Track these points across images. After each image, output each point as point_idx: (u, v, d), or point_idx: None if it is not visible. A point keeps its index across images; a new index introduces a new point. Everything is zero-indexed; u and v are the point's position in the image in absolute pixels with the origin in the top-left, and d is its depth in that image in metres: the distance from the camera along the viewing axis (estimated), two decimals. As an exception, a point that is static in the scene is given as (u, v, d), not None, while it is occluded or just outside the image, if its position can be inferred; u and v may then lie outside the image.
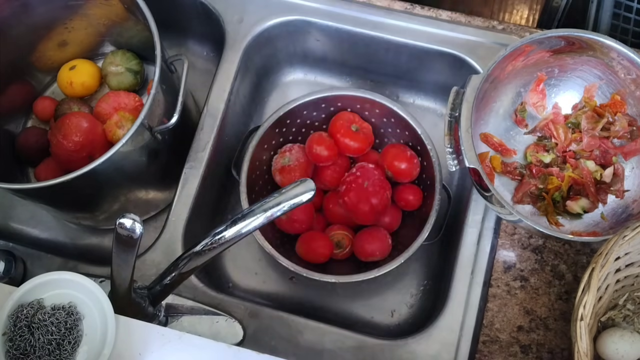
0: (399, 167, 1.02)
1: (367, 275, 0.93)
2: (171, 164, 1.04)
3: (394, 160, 1.03)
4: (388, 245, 1.02)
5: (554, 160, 0.98)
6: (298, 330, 0.92)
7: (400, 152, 1.03)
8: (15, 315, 0.75)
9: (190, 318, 0.92)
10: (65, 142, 0.99)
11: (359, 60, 1.14)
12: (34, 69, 1.13)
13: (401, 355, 0.90)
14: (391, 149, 1.04)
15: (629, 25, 1.21)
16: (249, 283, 1.08)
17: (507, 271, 0.95)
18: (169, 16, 1.11)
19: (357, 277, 0.93)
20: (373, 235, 1.02)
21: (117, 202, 1.05)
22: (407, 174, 1.03)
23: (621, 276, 0.87)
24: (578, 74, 0.98)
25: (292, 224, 1.03)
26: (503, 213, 0.90)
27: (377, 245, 1.01)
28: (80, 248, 1.12)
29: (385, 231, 1.03)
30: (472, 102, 0.87)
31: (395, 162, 1.03)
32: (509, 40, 1.04)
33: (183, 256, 0.75)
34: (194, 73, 1.13)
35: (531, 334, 0.92)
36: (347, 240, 1.04)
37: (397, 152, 1.04)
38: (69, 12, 1.07)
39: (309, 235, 1.03)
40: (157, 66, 0.92)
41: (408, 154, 1.03)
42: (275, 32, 1.10)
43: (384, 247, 1.01)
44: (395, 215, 1.05)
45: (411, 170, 1.03)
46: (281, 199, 0.74)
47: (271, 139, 1.05)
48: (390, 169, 1.03)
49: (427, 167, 1.02)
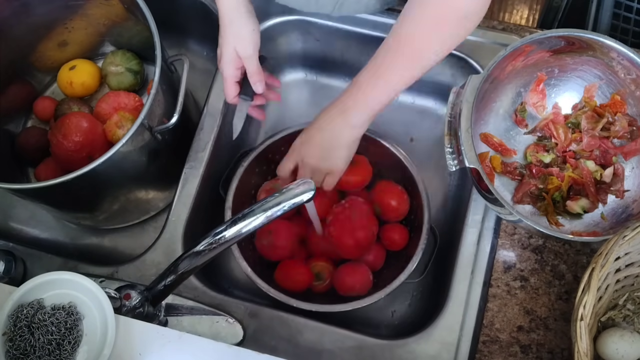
0: (390, 203, 1.02)
1: (344, 307, 0.91)
2: (171, 164, 1.04)
3: (384, 195, 1.03)
4: (369, 280, 1.00)
5: (554, 160, 0.98)
6: (298, 330, 0.92)
7: (392, 188, 1.03)
8: (15, 315, 0.75)
9: (190, 318, 0.92)
10: (65, 142, 0.99)
11: (359, 60, 1.14)
12: (34, 69, 1.14)
13: (401, 355, 0.90)
14: (383, 185, 1.04)
15: (629, 25, 1.21)
16: (249, 283, 1.08)
17: (507, 271, 0.95)
18: (169, 16, 1.11)
19: (334, 308, 0.92)
20: (354, 269, 1.00)
21: (117, 202, 1.05)
22: (396, 210, 1.02)
23: (621, 276, 0.87)
24: (578, 74, 0.98)
25: (274, 250, 1.01)
26: (503, 213, 0.90)
27: (357, 279, 0.99)
28: (80, 248, 1.12)
29: (367, 267, 1.01)
30: (472, 102, 0.87)
31: (386, 198, 1.02)
32: (509, 40, 1.04)
33: (183, 256, 0.75)
34: (194, 73, 1.13)
35: (531, 334, 0.92)
36: (327, 272, 1.02)
37: (388, 188, 1.03)
38: (69, 12, 1.07)
39: (288, 263, 1.01)
40: (157, 66, 0.92)
41: (399, 190, 1.03)
42: (275, 32, 1.10)
43: (364, 282, 0.99)
44: (380, 254, 1.04)
45: (400, 207, 1.02)
46: (281, 199, 0.74)
47: (262, 165, 1.05)
48: (380, 205, 1.02)
49: (417, 207, 1.01)
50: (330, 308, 0.92)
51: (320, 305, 0.92)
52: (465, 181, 1.06)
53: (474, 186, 0.93)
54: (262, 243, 1.01)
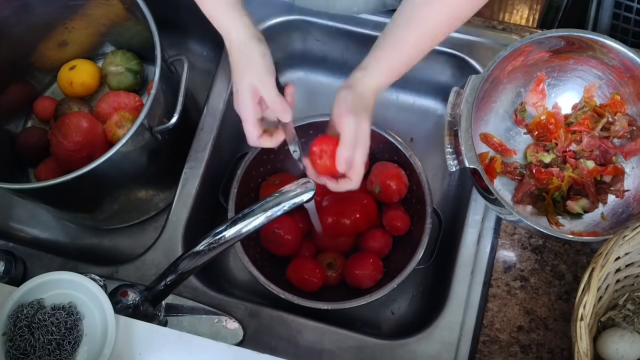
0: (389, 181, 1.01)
1: (359, 302, 0.91)
2: (171, 164, 1.04)
3: (382, 173, 1.02)
4: (379, 269, 1.00)
5: (554, 160, 0.98)
6: (298, 330, 0.92)
7: (390, 167, 1.03)
8: (15, 315, 0.75)
9: (190, 318, 0.92)
10: (65, 142, 0.99)
11: (359, 60, 1.14)
12: (34, 69, 1.14)
13: (401, 355, 0.90)
14: (381, 165, 1.04)
15: (629, 25, 1.21)
16: (249, 283, 1.08)
17: (507, 271, 0.95)
18: (169, 16, 1.11)
19: (349, 304, 0.91)
20: (363, 259, 1.01)
21: (117, 202, 1.05)
22: (396, 187, 1.02)
23: (621, 276, 0.87)
24: (578, 74, 0.98)
25: (279, 246, 1.01)
26: (503, 213, 0.90)
27: (367, 271, 0.99)
28: (80, 248, 1.12)
29: (376, 256, 1.01)
30: (472, 102, 0.87)
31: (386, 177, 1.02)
32: (509, 40, 1.04)
33: (183, 256, 0.75)
34: (194, 73, 1.13)
35: (531, 334, 0.92)
36: (339, 261, 1.02)
37: (386, 168, 1.03)
38: (69, 12, 1.07)
39: (299, 262, 1.01)
40: (157, 66, 0.92)
41: (396, 168, 1.02)
42: (275, 32, 1.10)
43: (374, 271, 0.99)
44: (386, 241, 1.04)
45: (400, 183, 1.02)
46: (281, 199, 0.74)
47: (259, 166, 1.04)
48: (380, 183, 1.02)
49: (417, 191, 1.01)
50: (346, 304, 0.91)
51: (335, 303, 0.92)
52: (465, 181, 1.06)
53: (474, 186, 0.93)
54: (267, 237, 1.01)
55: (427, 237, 0.95)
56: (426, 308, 1.04)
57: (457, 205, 1.06)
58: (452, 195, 1.11)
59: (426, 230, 0.95)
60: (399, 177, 1.02)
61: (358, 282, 1.00)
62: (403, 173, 1.03)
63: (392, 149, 1.02)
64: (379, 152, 1.04)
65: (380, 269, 1.00)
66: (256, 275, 0.94)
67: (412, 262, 0.93)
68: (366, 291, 0.95)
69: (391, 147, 1.02)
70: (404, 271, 0.92)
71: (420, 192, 0.99)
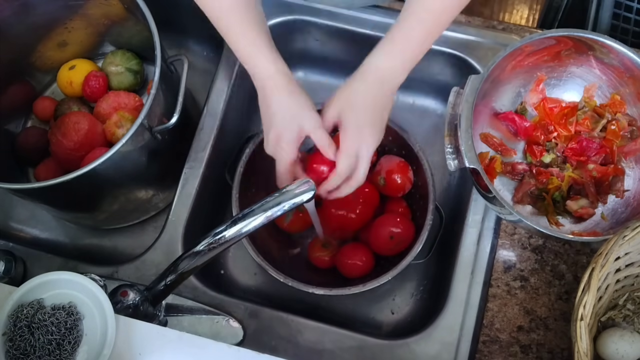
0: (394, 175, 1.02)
1: (352, 290, 0.91)
2: (171, 164, 1.04)
3: (388, 165, 1.02)
4: (370, 260, 1.01)
5: (554, 160, 0.98)
6: (298, 330, 0.92)
7: (396, 159, 1.03)
8: (15, 315, 0.75)
9: (190, 318, 0.92)
10: (65, 142, 1.00)
11: (359, 60, 1.14)
12: (34, 69, 1.14)
13: (401, 355, 0.90)
14: (387, 157, 1.04)
15: (629, 25, 1.21)
16: (249, 283, 1.08)
17: (507, 271, 0.95)
18: (169, 16, 1.11)
19: (341, 292, 0.92)
20: (355, 250, 1.01)
21: (117, 202, 1.05)
22: (401, 181, 1.02)
23: (621, 276, 0.87)
24: (578, 74, 0.98)
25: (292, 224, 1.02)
26: (503, 213, 0.90)
27: (358, 259, 1.00)
28: (80, 248, 1.12)
29: (367, 247, 1.02)
30: (472, 102, 0.87)
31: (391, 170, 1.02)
32: (509, 40, 1.04)
33: (183, 256, 0.75)
34: (194, 73, 1.13)
35: (531, 334, 0.92)
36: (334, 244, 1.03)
37: (392, 160, 1.03)
38: (69, 12, 1.07)
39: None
40: (157, 66, 0.92)
41: (402, 162, 1.03)
42: (275, 32, 1.09)
43: (366, 262, 1.00)
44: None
45: (405, 178, 1.02)
46: (281, 199, 0.74)
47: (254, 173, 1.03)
48: (385, 175, 1.02)
49: (421, 185, 1.01)
50: (340, 292, 0.92)
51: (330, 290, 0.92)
52: (465, 181, 1.06)
53: (474, 186, 0.93)
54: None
55: (426, 232, 0.95)
56: (426, 308, 1.04)
57: (457, 205, 1.06)
58: (452, 195, 1.11)
59: (426, 226, 0.95)
60: (404, 171, 1.02)
61: (348, 272, 1.00)
62: (409, 168, 1.03)
63: (400, 143, 1.02)
64: (388, 145, 1.04)
65: (371, 261, 1.01)
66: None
67: (409, 256, 0.93)
68: (360, 280, 0.95)
69: (400, 141, 1.02)
70: (400, 264, 0.92)
71: (424, 188, 0.99)
